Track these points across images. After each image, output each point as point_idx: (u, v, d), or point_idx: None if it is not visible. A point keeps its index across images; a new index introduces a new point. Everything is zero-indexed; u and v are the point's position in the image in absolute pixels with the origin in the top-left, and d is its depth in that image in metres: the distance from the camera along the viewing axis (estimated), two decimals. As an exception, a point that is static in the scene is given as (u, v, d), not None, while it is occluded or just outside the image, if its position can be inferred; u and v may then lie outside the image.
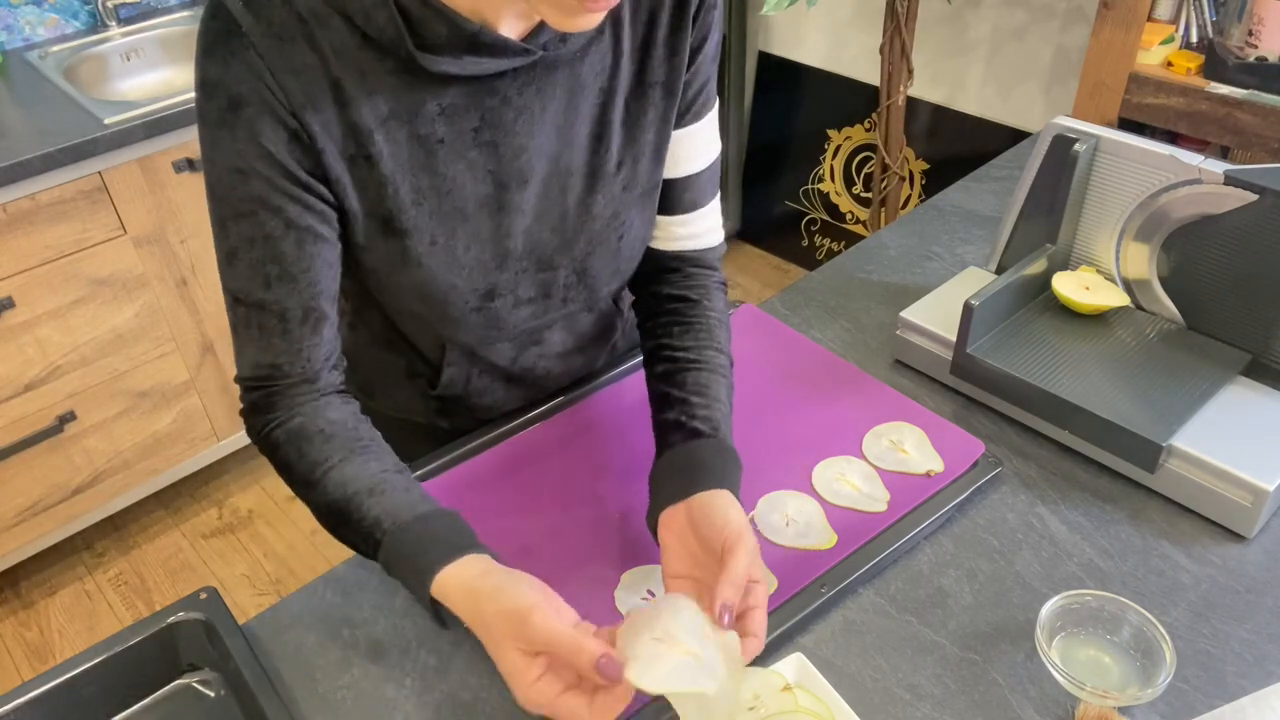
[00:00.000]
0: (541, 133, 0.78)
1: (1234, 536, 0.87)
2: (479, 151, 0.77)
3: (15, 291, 1.74)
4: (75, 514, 2.02)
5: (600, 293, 0.92)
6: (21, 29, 2.08)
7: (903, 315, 1.07)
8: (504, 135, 0.77)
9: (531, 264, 0.84)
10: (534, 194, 0.81)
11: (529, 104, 0.77)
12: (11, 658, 1.96)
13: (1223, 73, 1.58)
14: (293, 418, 0.79)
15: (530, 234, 0.83)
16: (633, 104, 0.83)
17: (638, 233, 0.89)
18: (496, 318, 0.86)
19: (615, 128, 0.82)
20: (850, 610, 0.82)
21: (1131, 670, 0.74)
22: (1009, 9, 2.18)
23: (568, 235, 0.84)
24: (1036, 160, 1.03)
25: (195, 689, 0.80)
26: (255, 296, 0.76)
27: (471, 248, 0.81)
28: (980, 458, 0.93)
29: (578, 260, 0.87)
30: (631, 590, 0.82)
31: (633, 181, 0.85)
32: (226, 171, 0.72)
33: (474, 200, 0.79)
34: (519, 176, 0.79)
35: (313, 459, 0.77)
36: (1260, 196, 0.89)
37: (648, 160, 0.86)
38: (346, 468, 0.77)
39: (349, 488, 0.76)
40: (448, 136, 0.75)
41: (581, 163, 0.82)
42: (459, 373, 0.93)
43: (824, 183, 2.76)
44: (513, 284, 0.85)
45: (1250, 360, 0.96)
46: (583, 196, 0.83)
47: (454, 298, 0.83)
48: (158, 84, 2.16)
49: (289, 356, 0.78)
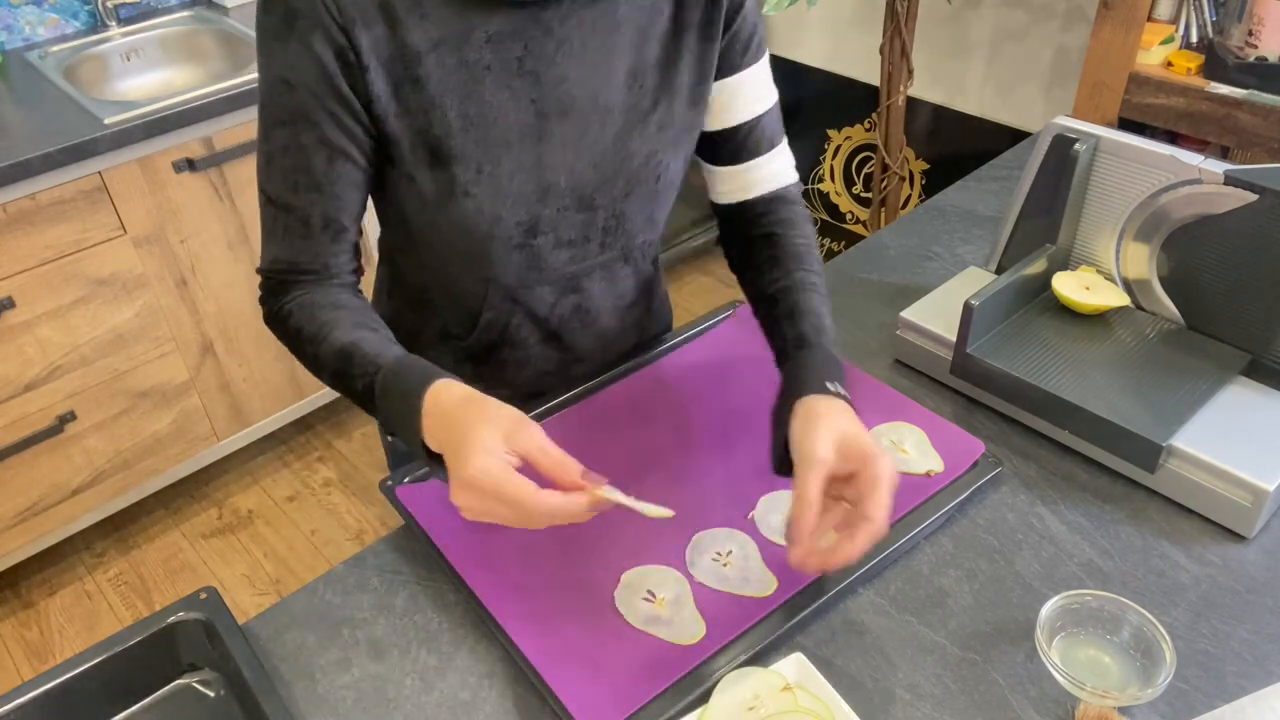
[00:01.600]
0: (581, 66, 0.82)
1: (1234, 536, 0.87)
2: (522, 80, 0.80)
3: (15, 291, 1.74)
4: (75, 514, 2.02)
5: (636, 239, 0.95)
6: (21, 29, 2.08)
7: (903, 315, 1.07)
8: (546, 65, 0.81)
9: (573, 201, 0.87)
10: (573, 127, 0.84)
11: (569, 36, 0.80)
12: (11, 658, 1.96)
13: (1223, 73, 1.58)
14: (306, 294, 0.84)
15: (572, 170, 0.86)
16: (669, 44, 0.86)
17: (673, 175, 0.92)
18: (538, 257, 0.90)
19: (650, 67, 0.86)
20: (850, 610, 0.82)
21: (1131, 670, 0.74)
22: (1009, 9, 2.18)
23: (607, 173, 0.87)
24: (1036, 160, 1.03)
25: (195, 689, 0.80)
26: (284, 199, 0.81)
27: (515, 177, 0.83)
28: (980, 458, 0.93)
29: (616, 200, 0.90)
30: (632, 590, 0.82)
31: (668, 121, 0.88)
32: (275, 81, 0.77)
33: (517, 129, 0.82)
34: (559, 107, 0.82)
35: (322, 320, 0.82)
36: (1260, 196, 0.89)
37: (683, 102, 0.89)
38: (354, 329, 0.81)
39: (352, 338, 0.80)
40: (494, 64, 0.79)
41: (618, 100, 0.85)
42: (498, 318, 0.95)
43: (824, 183, 2.76)
44: (554, 221, 0.88)
45: (1250, 360, 0.96)
46: (620, 134, 0.86)
47: (499, 231, 0.86)
48: (158, 84, 2.16)
49: (307, 257, 0.83)
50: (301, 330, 0.83)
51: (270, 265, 0.85)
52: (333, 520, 2.23)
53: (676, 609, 0.80)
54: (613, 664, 0.76)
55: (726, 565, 0.84)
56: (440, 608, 0.84)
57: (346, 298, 0.85)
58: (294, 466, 2.37)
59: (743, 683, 0.74)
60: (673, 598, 0.81)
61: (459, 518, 0.88)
